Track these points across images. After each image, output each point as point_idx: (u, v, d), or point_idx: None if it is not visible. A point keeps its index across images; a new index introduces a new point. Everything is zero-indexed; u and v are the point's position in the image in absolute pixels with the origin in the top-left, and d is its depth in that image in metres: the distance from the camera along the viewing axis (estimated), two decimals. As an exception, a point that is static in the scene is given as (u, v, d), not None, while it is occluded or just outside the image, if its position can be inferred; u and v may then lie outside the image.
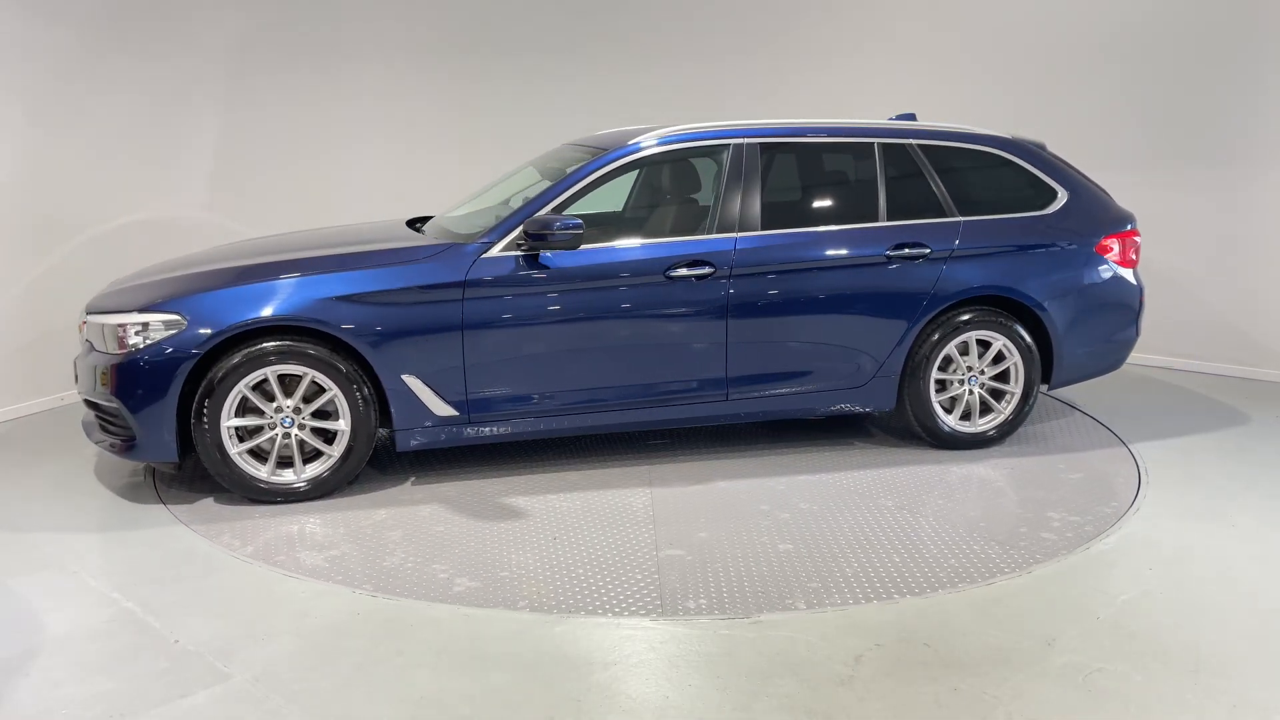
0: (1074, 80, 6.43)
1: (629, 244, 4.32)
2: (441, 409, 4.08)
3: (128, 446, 3.95)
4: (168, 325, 3.85)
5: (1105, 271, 4.75)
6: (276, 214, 6.31)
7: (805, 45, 7.33)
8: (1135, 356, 6.35)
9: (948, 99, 6.84)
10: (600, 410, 4.29)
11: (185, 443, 3.94)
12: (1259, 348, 6.04)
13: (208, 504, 4.02)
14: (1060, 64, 6.47)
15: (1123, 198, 6.32)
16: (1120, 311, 4.83)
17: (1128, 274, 4.83)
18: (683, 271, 4.23)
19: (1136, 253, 4.88)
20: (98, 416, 4.12)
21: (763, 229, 4.37)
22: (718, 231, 4.35)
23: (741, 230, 4.35)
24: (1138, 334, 4.95)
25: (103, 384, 3.91)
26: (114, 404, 3.89)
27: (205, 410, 3.85)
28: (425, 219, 4.97)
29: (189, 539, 3.72)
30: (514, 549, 3.64)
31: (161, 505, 4.04)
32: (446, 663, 2.87)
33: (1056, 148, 6.40)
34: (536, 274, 4.10)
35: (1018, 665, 2.86)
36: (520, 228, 4.12)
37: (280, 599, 3.26)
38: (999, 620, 3.12)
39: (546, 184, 4.55)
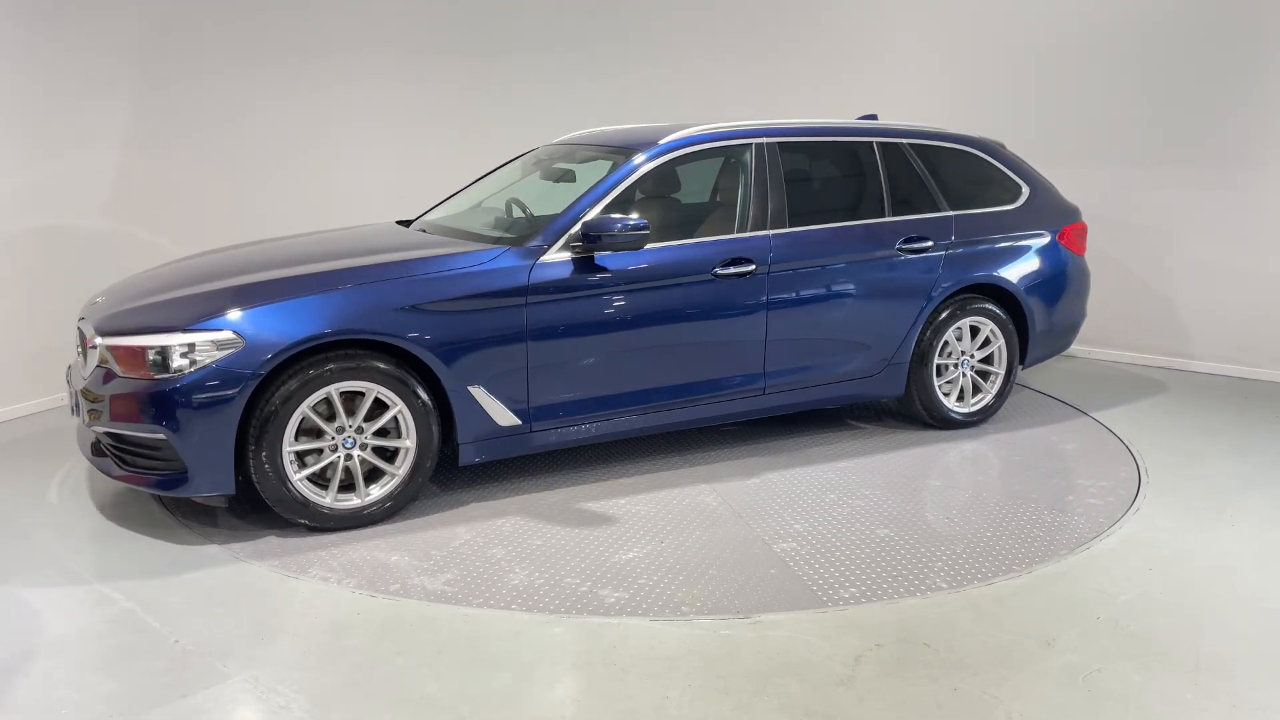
0: (1071, 79, 6.43)
1: (676, 243, 4.30)
2: (506, 419, 3.95)
3: (172, 481, 3.58)
4: (220, 345, 3.50)
5: (1065, 259, 5.20)
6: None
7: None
8: (1135, 356, 6.42)
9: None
10: (654, 411, 4.28)
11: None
12: (1258, 347, 6.04)
13: (270, 539, 3.68)
14: (1053, 62, 6.47)
15: (1121, 196, 6.36)
16: (1077, 295, 5.30)
17: (1080, 260, 5.31)
18: (729, 269, 4.28)
19: (1085, 240, 5.36)
20: (116, 449, 3.71)
21: (789, 226, 4.48)
22: (751, 229, 4.41)
23: (772, 228, 4.44)
24: (1085, 314, 5.43)
25: (134, 413, 3.53)
26: (159, 435, 3.51)
27: (266, 435, 3.56)
28: (407, 222, 4.92)
29: (189, 538, 3.72)
30: (628, 555, 3.59)
31: (159, 504, 4.04)
32: (446, 663, 2.87)
33: (1056, 148, 6.47)
34: (596, 276, 4.03)
35: (1018, 665, 2.86)
36: (572, 230, 4.03)
37: (280, 599, 3.26)
38: (999, 620, 3.12)
39: (551, 185, 4.56)
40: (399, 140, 7.04)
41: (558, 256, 4.00)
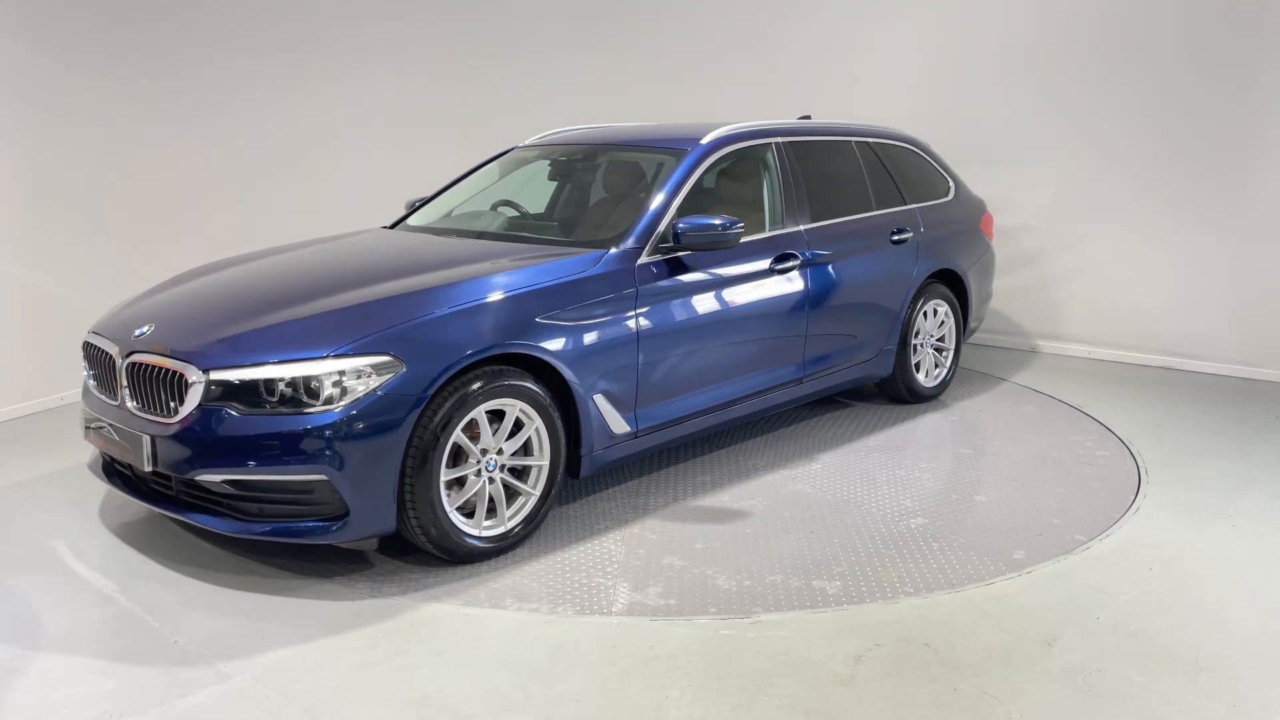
0: (1073, 79, 6.43)
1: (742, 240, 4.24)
2: (620, 426, 3.85)
3: (320, 528, 3.22)
4: (379, 369, 3.18)
5: (985, 245, 5.82)
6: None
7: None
8: (1134, 356, 6.42)
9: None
10: (730, 406, 4.33)
11: None
12: (1258, 347, 6.04)
13: (430, 577, 3.35)
14: (1055, 63, 6.46)
15: (1120, 197, 6.36)
16: (991, 277, 5.96)
17: (992, 246, 5.93)
18: (781, 264, 4.44)
19: (992, 228, 5.97)
20: (231, 497, 3.25)
21: (812, 221, 4.69)
22: (785, 225, 4.58)
23: (800, 223, 4.63)
24: (992, 294, 6.10)
25: (279, 455, 3.13)
26: (317, 476, 3.13)
27: (426, 465, 3.25)
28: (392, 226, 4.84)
29: (188, 538, 3.71)
30: (794, 547, 3.62)
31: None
32: (446, 663, 2.87)
33: (1050, 149, 6.46)
34: (685, 276, 4.05)
35: (1018, 665, 2.86)
36: (660, 229, 4.00)
37: (280, 599, 3.26)
38: (999, 620, 3.12)
39: (547, 185, 4.56)
40: (397, 141, 7.04)
41: (650, 257, 3.97)
